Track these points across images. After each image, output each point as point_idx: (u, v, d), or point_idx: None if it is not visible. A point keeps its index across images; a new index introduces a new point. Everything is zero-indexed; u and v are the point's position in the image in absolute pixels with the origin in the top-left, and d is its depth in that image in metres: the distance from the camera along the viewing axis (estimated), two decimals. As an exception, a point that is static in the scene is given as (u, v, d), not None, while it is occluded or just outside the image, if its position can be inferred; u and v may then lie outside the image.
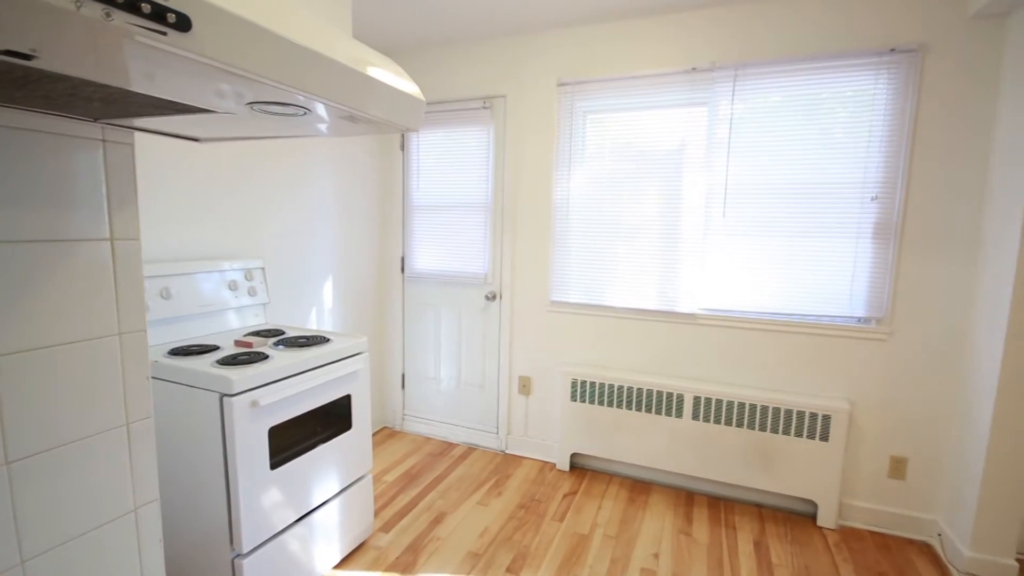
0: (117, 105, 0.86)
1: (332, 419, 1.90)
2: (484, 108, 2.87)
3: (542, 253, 2.83)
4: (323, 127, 1.06)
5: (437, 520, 2.33)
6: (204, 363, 1.60)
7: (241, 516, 1.54)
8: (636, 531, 2.27)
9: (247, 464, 1.55)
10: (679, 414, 2.52)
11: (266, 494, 1.63)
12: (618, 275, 2.67)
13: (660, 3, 2.32)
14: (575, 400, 2.72)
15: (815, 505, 2.39)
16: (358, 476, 2.05)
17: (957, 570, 2.03)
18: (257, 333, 2.03)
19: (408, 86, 1.00)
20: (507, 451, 3.04)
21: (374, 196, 3.15)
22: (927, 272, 2.16)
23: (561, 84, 2.67)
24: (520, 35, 2.74)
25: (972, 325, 2.10)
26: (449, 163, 3.01)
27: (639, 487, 2.65)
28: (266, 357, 1.69)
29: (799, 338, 2.37)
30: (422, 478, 2.71)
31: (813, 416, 2.29)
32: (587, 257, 2.73)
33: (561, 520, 2.35)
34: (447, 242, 3.07)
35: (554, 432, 2.92)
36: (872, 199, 2.18)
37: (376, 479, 2.69)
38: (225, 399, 1.50)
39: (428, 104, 3.01)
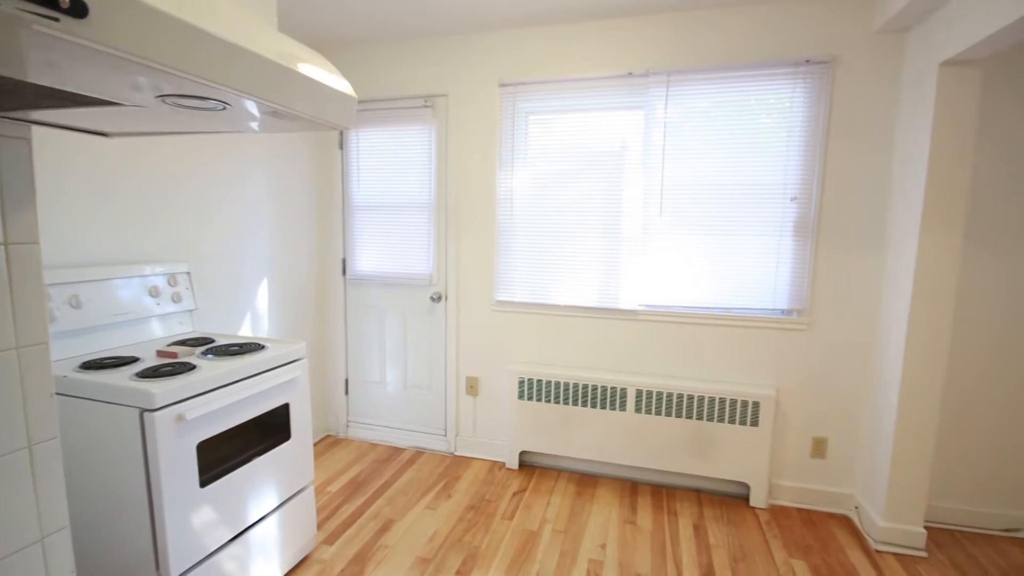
0: (10, 96, 0.78)
1: (269, 430, 1.82)
2: (426, 107, 2.84)
3: (487, 253, 2.83)
4: (249, 123, 1.01)
5: (384, 528, 2.28)
6: (121, 376, 1.48)
7: (168, 539, 1.44)
8: (584, 524, 2.32)
9: (173, 483, 1.45)
10: (623, 407, 2.59)
11: (196, 513, 1.53)
12: (561, 274, 2.72)
13: (598, 8, 2.38)
14: (522, 398, 2.74)
15: (747, 487, 2.53)
16: (299, 488, 1.97)
17: (873, 539, 2.21)
18: (183, 342, 1.90)
19: (338, 82, 0.97)
20: (456, 453, 3.02)
21: (312, 196, 3.04)
22: (841, 267, 2.34)
23: (503, 84, 2.68)
24: (462, 34, 2.72)
25: (881, 315, 2.30)
26: (391, 162, 2.95)
27: (586, 481, 2.70)
28: (193, 367, 1.59)
29: (730, 330, 2.51)
30: (368, 486, 2.64)
31: (744, 403, 2.43)
32: (531, 256, 2.76)
33: (511, 518, 2.36)
34: (390, 243, 3.01)
35: (503, 431, 2.93)
36: (792, 199, 2.34)
37: (319, 490, 2.59)
38: (146, 414, 1.39)
39: (367, 102, 2.94)
